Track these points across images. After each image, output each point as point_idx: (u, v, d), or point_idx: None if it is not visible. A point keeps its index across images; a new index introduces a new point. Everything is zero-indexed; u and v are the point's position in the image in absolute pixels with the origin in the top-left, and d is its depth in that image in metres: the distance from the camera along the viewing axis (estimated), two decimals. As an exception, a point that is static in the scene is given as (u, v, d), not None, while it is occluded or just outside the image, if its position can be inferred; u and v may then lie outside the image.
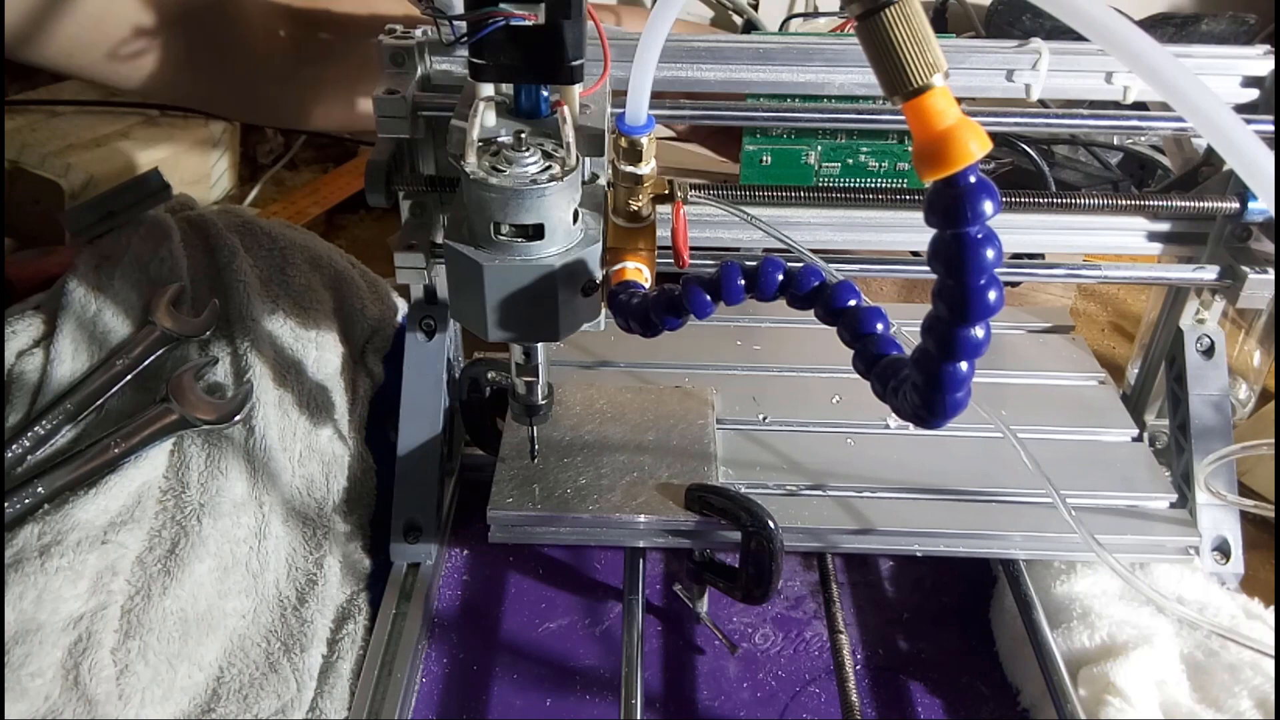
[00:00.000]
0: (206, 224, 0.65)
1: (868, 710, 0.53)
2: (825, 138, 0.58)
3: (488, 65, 0.39)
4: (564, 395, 0.62)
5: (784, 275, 0.37)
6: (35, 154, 0.77)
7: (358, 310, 0.66)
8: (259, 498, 0.55)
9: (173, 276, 0.61)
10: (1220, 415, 0.59)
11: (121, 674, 0.46)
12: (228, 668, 0.50)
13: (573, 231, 0.41)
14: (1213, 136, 0.29)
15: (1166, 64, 0.28)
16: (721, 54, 0.53)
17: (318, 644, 0.52)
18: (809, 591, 0.60)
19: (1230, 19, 1.00)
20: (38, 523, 0.50)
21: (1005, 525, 0.56)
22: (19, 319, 0.58)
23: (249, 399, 0.57)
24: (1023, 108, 0.55)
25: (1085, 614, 0.53)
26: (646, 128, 0.43)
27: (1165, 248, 0.59)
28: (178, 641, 0.48)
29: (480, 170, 0.39)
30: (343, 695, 0.51)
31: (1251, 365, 0.72)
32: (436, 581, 0.59)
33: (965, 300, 0.29)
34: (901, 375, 0.34)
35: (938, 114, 0.29)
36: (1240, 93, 0.53)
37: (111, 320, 0.59)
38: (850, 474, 0.59)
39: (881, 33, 0.29)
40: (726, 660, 0.55)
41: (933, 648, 0.57)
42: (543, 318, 0.42)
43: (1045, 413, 0.63)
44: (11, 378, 0.56)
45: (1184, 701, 0.50)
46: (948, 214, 0.29)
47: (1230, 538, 0.57)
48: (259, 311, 0.61)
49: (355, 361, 0.65)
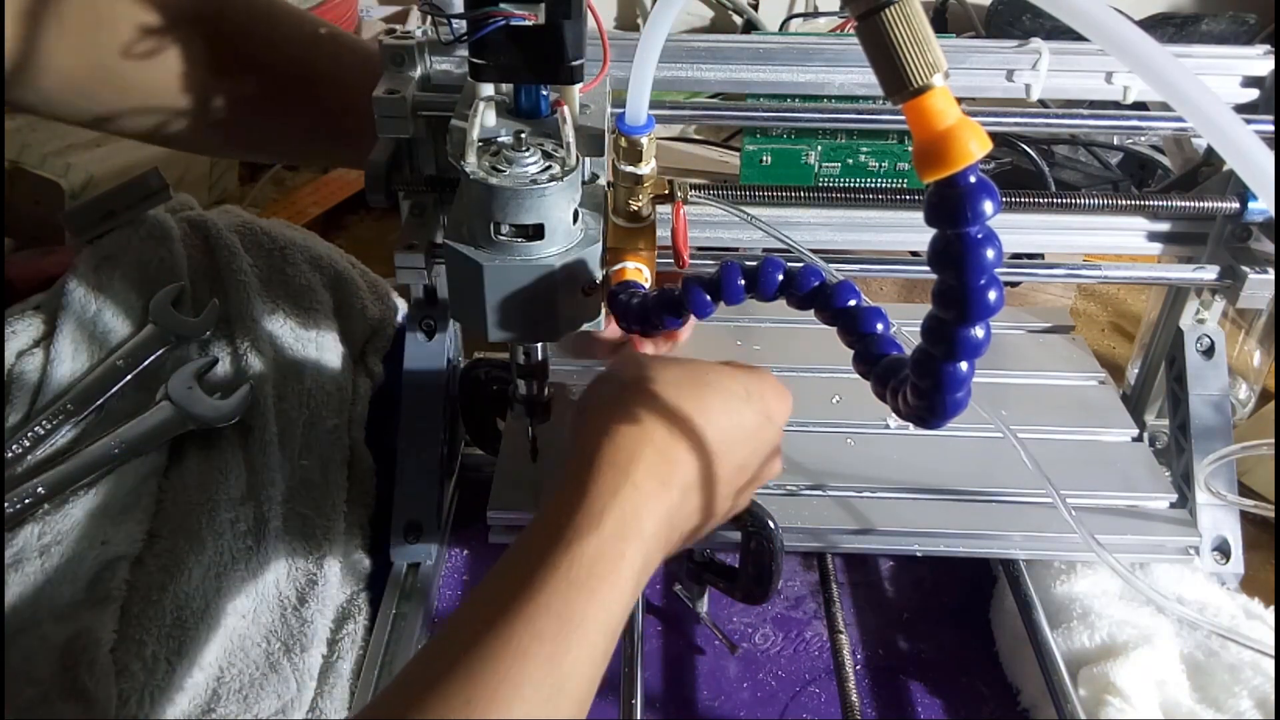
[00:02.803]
0: (206, 224, 0.65)
1: (868, 710, 0.53)
2: (825, 138, 0.58)
3: (488, 65, 0.39)
4: (564, 395, 0.62)
5: (784, 275, 0.38)
6: (35, 154, 0.77)
7: (358, 310, 0.66)
8: (258, 497, 0.55)
9: (173, 276, 0.61)
10: (1220, 415, 0.59)
11: (121, 674, 0.46)
12: (228, 668, 0.50)
13: (573, 231, 0.41)
14: (1213, 136, 0.29)
15: (1166, 64, 0.28)
16: (721, 54, 0.53)
17: (318, 644, 0.52)
18: (809, 591, 0.60)
19: (1230, 19, 1.00)
20: (38, 522, 0.50)
21: (1005, 525, 0.56)
22: (19, 319, 0.58)
23: (249, 399, 0.57)
24: (1023, 108, 0.55)
25: (1085, 614, 0.53)
26: (646, 128, 0.43)
27: (1165, 248, 0.59)
28: (177, 641, 0.48)
29: (480, 170, 0.39)
30: (343, 695, 0.51)
31: (1251, 365, 0.72)
32: (437, 581, 0.58)
33: (965, 300, 0.29)
34: (901, 375, 0.34)
35: (938, 114, 0.28)
36: (1240, 93, 0.53)
37: (111, 320, 0.59)
38: (850, 474, 0.59)
39: (881, 33, 0.29)
40: (726, 660, 0.55)
41: (933, 648, 0.57)
42: (543, 318, 0.42)
43: (1045, 413, 0.63)
44: (11, 378, 0.56)
45: (1184, 701, 0.50)
46: (948, 214, 0.29)
47: (1230, 538, 0.57)
48: (259, 311, 0.61)
49: (355, 361, 0.65)
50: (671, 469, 0.39)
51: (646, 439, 0.39)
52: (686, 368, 0.42)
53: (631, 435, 0.38)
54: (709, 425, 0.40)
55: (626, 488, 0.37)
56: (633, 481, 0.37)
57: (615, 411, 0.40)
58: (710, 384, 0.42)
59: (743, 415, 0.42)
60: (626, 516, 0.36)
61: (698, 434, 0.40)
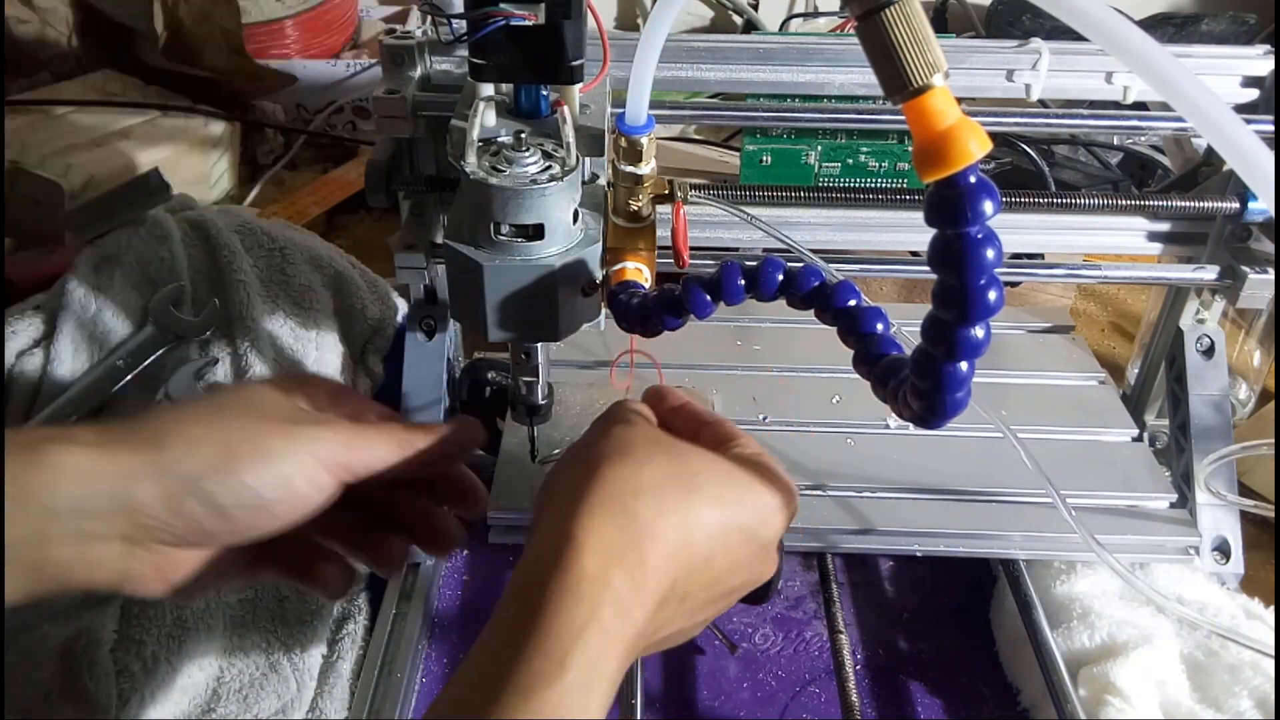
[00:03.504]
0: (206, 224, 0.65)
1: (868, 710, 0.53)
2: (825, 138, 0.58)
3: (488, 65, 0.39)
4: (564, 395, 0.62)
5: (784, 275, 0.37)
6: (35, 154, 0.77)
7: (358, 310, 0.66)
8: (259, 498, 0.55)
9: (173, 276, 0.61)
10: (1220, 415, 0.59)
11: (121, 674, 0.46)
12: (228, 668, 0.50)
13: (573, 231, 0.41)
14: (1213, 136, 0.29)
15: (1166, 64, 0.28)
16: (721, 54, 0.53)
17: (318, 644, 0.52)
18: (809, 591, 0.60)
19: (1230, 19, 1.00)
20: (38, 523, 0.50)
21: (1005, 525, 0.56)
22: (19, 319, 0.58)
23: (249, 399, 0.57)
24: (1023, 108, 0.55)
25: (1085, 614, 0.53)
26: (646, 128, 0.43)
27: (1165, 248, 0.59)
28: (177, 641, 0.48)
29: (480, 170, 0.39)
30: (343, 695, 0.51)
31: (1251, 365, 0.72)
32: (436, 581, 0.58)
33: (965, 300, 0.29)
34: (902, 375, 0.34)
35: (938, 114, 0.29)
36: (1240, 93, 0.53)
37: (111, 320, 0.59)
38: (850, 474, 0.59)
39: (881, 33, 0.29)
40: (726, 660, 0.55)
41: (933, 648, 0.57)
42: (543, 318, 0.42)
43: (1045, 413, 0.63)
44: (11, 378, 0.56)
45: (1184, 701, 0.50)
46: (948, 214, 0.29)
47: (1230, 538, 0.57)
48: (259, 311, 0.61)
49: (355, 361, 0.65)
50: (643, 595, 0.33)
51: (616, 561, 0.33)
52: (674, 463, 0.36)
53: (600, 555, 0.33)
54: (691, 539, 0.35)
55: (592, 628, 0.31)
56: (599, 621, 0.31)
57: (584, 514, 0.34)
58: (698, 488, 0.36)
59: (733, 523, 0.37)
60: (593, 661, 0.31)
61: (678, 549, 0.35)
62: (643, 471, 0.35)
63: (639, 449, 0.36)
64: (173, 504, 0.33)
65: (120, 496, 0.33)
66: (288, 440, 0.35)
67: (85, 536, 0.33)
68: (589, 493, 0.34)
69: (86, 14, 0.93)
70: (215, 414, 0.36)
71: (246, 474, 0.34)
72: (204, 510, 0.34)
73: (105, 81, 0.89)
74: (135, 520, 0.33)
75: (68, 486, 0.32)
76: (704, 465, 0.37)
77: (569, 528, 0.33)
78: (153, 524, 0.34)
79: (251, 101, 0.97)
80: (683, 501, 0.35)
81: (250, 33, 0.96)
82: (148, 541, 0.34)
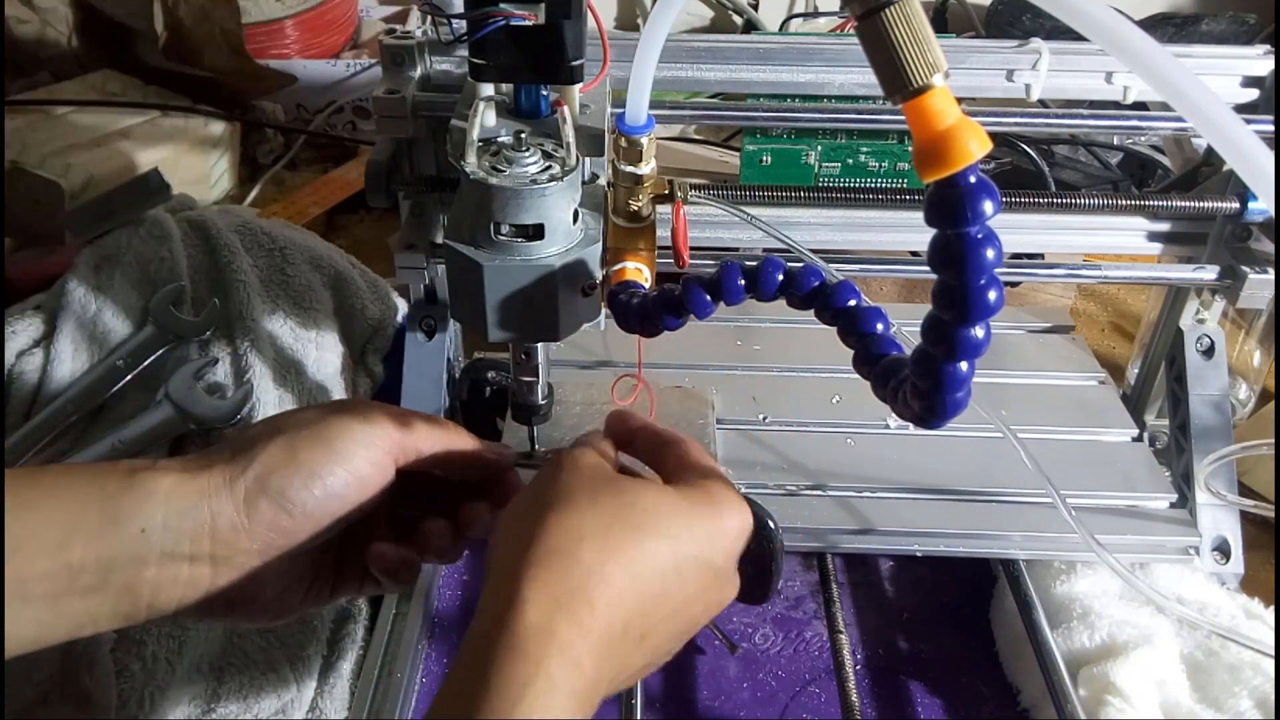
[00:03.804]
0: (206, 224, 0.65)
1: (868, 710, 0.53)
2: (825, 138, 0.58)
3: (488, 65, 0.39)
4: (564, 395, 0.62)
5: (784, 275, 0.37)
6: (35, 154, 0.77)
7: (358, 310, 0.66)
8: (259, 498, 0.55)
9: (173, 276, 0.61)
10: (1220, 415, 0.59)
11: (121, 674, 0.46)
12: (227, 668, 0.50)
13: (573, 231, 0.41)
14: (1213, 136, 0.29)
15: (1166, 64, 0.28)
16: (721, 54, 0.53)
17: (318, 644, 0.52)
18: (809, 591, 0.60)
19: (1230, 19, 1.00)
20: (38, 523, 0.50)
21: (1005, 525, 0.56)
22: (19, 319, 0.58)
23: (249, 399, 0.57)
24: (1023, 108, 0.55)
25: (1085, 614, 0.53)
26: (646, 128, 0.43)
27: (1165, 248, 0.59)
28: (177, 641, 0.48)
29: (480, 170, 0.39)
30: (343, 695, 0.51)
31: (1251, 365, 0.72)
32: (436, 581, 0.58)
33: (965, 300, 0.29)
34: (902, 375, 0.34)
35: (938, 114, 0.28)
36: (1240, 93, 0.53)
37: (111, 320, 0.59)
38: (850, 474, 0.59)
39: (881, 33, 0.29)
40: (726, 660, 0.55)
41: (933, 648, 0.57)
42: (543, 318, 0.42)
43: (1045, 413, 0.63)
44: (11, 378, 0.56)
45: (1184, 701, 0.50)
46: (948, 214, 0.29)
47: (1230, 538, 0.57)
48: (259, 311, 0.61)
49: (355, 361, 0.65)
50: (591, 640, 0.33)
51: (562, 608, 0.33)
52: (618, 502, 0.36)
53: (543, 606, 0.32)
54: (640, 576, 0.35)
55: (539, 683, 0.31)
56: (546, 675, 0.31)
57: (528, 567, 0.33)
58: (643, 525, 0.36)
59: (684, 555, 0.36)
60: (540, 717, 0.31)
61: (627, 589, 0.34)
62: (585, 516, 0.35)
63: (582, 494, 0.36)
64: (248, 509, 0.36)
65: (202, 514, 0.35)
66: (344, 428, 0.38)
67: (174, 557, 0.35)
68: (532, 545, 0.34)
69: (86, 14, 0.93)
70: (275, 423, 0.39)
71: (310, 463, 0.37)
72: (276, 508, 0.36)
73: (105, 81, 0.89)
74: (218, 536, 0.35)
75: (156, 508, 0.34)
76: (650, 501, 0.37)
77: (513, 584, 0.33)
78: (232, 535, 0.35)
79: (251, 101, 0.97)
80: (629, 540, 0.35)
81: (250, 33, 0.96)
82: (232, 557, 0.36)
